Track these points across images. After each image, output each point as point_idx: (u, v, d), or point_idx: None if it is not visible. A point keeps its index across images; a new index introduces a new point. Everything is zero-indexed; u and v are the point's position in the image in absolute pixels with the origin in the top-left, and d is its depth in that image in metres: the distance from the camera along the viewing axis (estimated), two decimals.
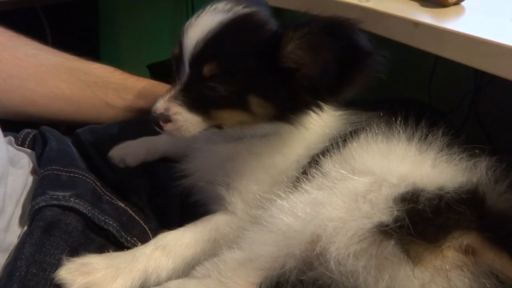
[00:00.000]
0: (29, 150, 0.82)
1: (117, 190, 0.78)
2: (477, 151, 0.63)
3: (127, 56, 1.76)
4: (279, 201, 0.63)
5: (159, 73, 1.25)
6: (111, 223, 0.70)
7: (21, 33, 0.94)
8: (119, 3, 1.75)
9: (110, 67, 1.00)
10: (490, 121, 1.25)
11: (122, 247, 0.70)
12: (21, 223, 0.68)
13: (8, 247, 0.65)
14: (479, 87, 1.23)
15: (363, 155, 0.65)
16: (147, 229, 0.75)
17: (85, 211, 0.68)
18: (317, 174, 0.64)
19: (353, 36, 0.61)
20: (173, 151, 0.87)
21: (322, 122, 0.72)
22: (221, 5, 0.68)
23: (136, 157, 0.85)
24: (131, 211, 0.75)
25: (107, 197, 0.75)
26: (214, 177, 0.74)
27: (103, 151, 0.85)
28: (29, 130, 0.86)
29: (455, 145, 0.65)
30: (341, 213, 0.58)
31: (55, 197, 0.68)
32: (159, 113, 0.68)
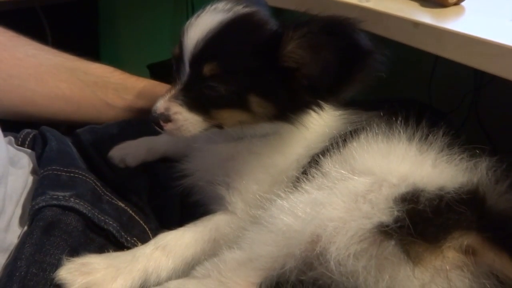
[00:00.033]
0: (29, 150, 0.82)
1: (117, 190, 0.78)
2: (477, 151, 0.63)
3: (127, 56, 1.76)
4: (279, 201, 0.63)
5: (159, 73, 1.25)
6: (111, 223, 0.70)
7: (21, 33, 0.94)
8: (119, 3, 1.74)
9: (110, 67, 1.00)
10: (490, 121, 1.25)
11: (122, 247, 0.70)
12: (21, 223, 0.68)
13: (8, 247, 0.65)
14: (479, 87, 1.24)
15: (363, 155, 0.64)
16: (147, 229, 0.75)
17: (85, 211, 0.68)
18: (317, 174, 0.64)
19: (353, 35, 0.61)
20: (173, 151, 0.87)
21: (322, 121, 0.72)
22: (221, 5, 0.68)
23: (136, 157, 0.85)
24: (131, 211, 0.75)
25: (107, 197, 0.75)
26: (214, 177, 0.74)
27: (103, 151, 0.85)
28: (29, 130, 0.86)
29: (456, 145, 0.64)
30: (341, 213, 0.58)
31: (55, 197, 0.68)
32: (159, 113, 0.68)
